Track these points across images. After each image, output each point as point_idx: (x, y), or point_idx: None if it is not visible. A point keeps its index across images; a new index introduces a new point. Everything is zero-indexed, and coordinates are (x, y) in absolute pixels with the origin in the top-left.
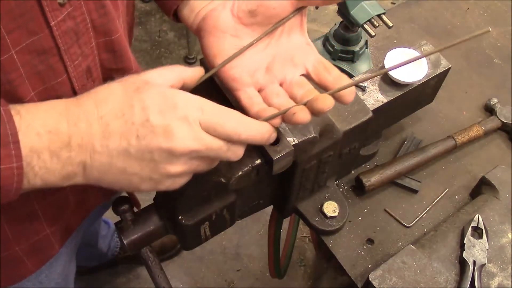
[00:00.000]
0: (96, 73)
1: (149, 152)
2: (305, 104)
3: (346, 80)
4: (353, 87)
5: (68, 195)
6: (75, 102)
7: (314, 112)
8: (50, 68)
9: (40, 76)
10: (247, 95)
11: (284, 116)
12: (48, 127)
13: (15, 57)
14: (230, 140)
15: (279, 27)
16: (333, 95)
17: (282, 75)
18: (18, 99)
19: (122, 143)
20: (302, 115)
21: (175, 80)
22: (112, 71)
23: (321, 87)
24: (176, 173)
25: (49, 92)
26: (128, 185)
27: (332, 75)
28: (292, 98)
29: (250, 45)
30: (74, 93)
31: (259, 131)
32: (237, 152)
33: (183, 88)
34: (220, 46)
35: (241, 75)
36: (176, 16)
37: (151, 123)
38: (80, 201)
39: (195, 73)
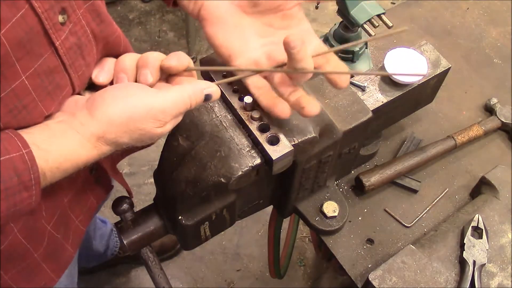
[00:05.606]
0: None
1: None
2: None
3: (343, 67)
4: (348, 76)
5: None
6: (89, 138)
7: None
8: (57, 85)
9: (51, 96)
10: (254, 85)
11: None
12: (65, 157)
13: (26, 82)
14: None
15: (279, 16)
16: (328, 77)
17: (283, 60)
18: (33, 123)
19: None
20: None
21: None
22: None
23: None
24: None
25: (57, 108)
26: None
27: (331, 64)
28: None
29: (257, 72)
30: None
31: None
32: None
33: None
34: (223, 36)
35: (246, 64)
36: (175, 3)
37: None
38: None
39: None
